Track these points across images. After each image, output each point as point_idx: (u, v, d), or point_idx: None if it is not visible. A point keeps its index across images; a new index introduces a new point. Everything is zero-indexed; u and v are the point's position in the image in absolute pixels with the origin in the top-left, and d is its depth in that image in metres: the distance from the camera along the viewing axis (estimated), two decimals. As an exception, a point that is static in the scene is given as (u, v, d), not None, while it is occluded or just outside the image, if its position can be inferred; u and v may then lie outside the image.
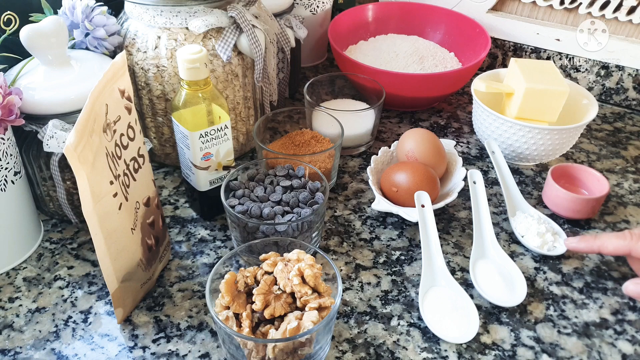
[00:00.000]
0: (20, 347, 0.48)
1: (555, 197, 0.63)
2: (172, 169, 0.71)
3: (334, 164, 0.65)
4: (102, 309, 0.52)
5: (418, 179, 0.60)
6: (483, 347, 0.49)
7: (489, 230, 0.59)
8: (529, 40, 0.89)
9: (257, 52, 0.61)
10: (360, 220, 0.63)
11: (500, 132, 0.68)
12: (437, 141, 0.65)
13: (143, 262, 0.50)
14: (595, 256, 0.59)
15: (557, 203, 0.63)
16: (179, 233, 0.61)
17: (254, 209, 0.54)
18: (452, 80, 0.79)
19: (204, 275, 0.56)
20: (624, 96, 0.85)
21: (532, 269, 0.57)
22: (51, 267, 0.56)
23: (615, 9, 0.80)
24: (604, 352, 0.49)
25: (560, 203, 0.62)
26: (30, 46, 0.52)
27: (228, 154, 0.58)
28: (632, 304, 0.54)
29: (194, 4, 0.59)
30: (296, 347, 0.43)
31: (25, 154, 0.55)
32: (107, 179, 0.43)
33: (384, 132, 0.79)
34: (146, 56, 0.60)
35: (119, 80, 0.45)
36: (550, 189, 0.63)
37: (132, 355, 0.48)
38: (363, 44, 0.90)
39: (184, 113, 0.54)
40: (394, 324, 0.51)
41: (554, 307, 0.53)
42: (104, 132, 0.43)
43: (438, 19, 0.91)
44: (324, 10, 0.90)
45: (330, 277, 0.48)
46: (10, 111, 0.49)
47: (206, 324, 0.51)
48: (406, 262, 0.58)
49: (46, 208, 0.61)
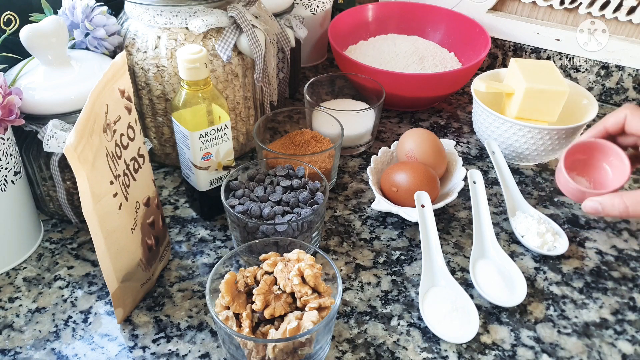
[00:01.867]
0: (20, 347, 0.48)
1: (564, 185, 0.57)
2: (172, 169, 0.71)
3: (334, 164, 0.65)
4: (102, 309, 0.52)
5: (418, 179, 0.60)
6: (483, 347, 0.49)
7: (489, 230, 0.59)
8: (529, 40, 0.89)
9: (257, 52, 0.61)
10: (360, 220, 0.63)
11: (500, 132, 0.68)
12: (437, 141, 0.65)
13: (143, 262, 0.50)
14: (596, 256, 0.59)
15: (566, 190, 0.58)
16: (179, 233, 0.61)
17: (254, 209, 0.54)
18: (452, 80, 0.78)
19: (204, 275, 0.56)
20: (624, 96, 0.85)
21: (532, 269, 0.57)
22: (51, 267, 0.56)
23: (615, 9, 0.80)
24: (604, 352, 0.49)
25: (568, 191, 0.57)
26: (30, 46, 0.52)
27: (228, 154, 0.58)
28: (632, 304, 0.54)
29: (194, 4, 0.59)
30: (296, 347, 0.43)
31: (25, 154, 0.55)
32: (107, 179, 0.43)
33: (384, 132, 0.79)
34: (146, 56, 0.60)
35: (119, 80, 0.45)
36: (560, 176, 0.58)
37: (132, 355, 0.48)
38: (363, 44, 0.90)
39: (184, 113, 0.54)
40: (394, 324, 0.51)
41: (554, 307, 0.53)
42: (104, 132, 0.43)
43: (438, 19, 0.91)
44: (324, 10, 0.90)
45: (330, 277, 0.48)
46: (10, 111, 0.49)
47: (206, 324, 0.51)
48: (406, 262, 0.58)
49: (46, 208, 0.61)
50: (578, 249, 0.60)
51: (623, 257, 0.59)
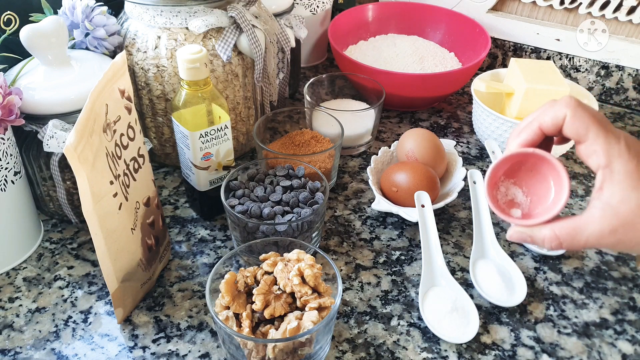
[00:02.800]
0: (20, 347, 0.48)
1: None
2: (172, 169, 0.71)
3: (334, 164, 0.65)
4: (102, 309, 0.52)
5: (418, 179, 0.60)
6: (483, 347, 0.49)
7: (489, 230, 0.59)
8: (529, 40, 0.89)
9: (257, 52, 0.61)
10: (360, 220, 0.63)
11: (500, 132, 0.68)
12: (437, 141, 0.65)
13: (143, 262, 0.50)
14: (596, 256, 0.59)
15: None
16: (179, 233, 0.61)
17: (254, 209, 0.54)
18: (452, 80, 0.78)
19: (204, 275, 0.56)
20: (624, 96, 0.85)
21: (532, 269, 0.57)
22: (51, 267, 0.56)
23: (615, 9, 0.80)
24: (604, 352, 0.49)
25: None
26: (30, 46, 0.52)
27: (228, 154, 0.58)
28: (632, 304, 0.54)
29: (194, 4, 0.59)
30: (296, 347, 0.43)
31: (25, 154, 0.55)
32: (107, 179, 0.43)
33: (384, 132, 0.79)
34: (146, 56, 0.60)
35: (119, 80, 0.45)
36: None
37: (132, 355, 0.48)
38: (363, 44, 0.90)
39: (184, 113, 0.54)
40: (394, 324, 0.51)
41: (554, 307, 0.53)
42: (104, 132, 0.43)
43: (438, 19, 0.91)
44: (324, 10, 0.90)
45: (330, 277, 0.48)
46: (10, 111, 0.49)
47: (206, 324, 0.51)
48: (406, 262, 0.58)
49: (46, 208, 0.61)
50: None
51: (623, 257, 0.59)
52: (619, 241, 0.38)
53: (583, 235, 0.39)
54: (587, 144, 0.39)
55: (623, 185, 0.38)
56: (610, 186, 0.38)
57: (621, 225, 0.38)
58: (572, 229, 0.39)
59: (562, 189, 0.41)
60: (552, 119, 0.40)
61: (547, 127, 0.41)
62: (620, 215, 0.38)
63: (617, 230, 0.38)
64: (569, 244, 0.40)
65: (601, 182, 0.39)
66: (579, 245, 0.40)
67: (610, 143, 0.38)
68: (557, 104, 0.40)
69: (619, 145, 0.38)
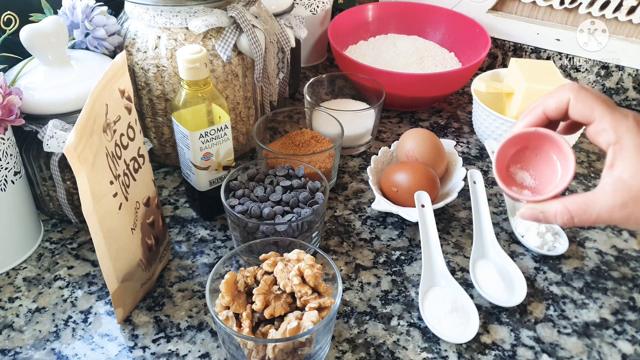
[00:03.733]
0: (20, 347, 0.48)
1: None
2: (172, 169, 0.71)
3: (334, 164, 0.65)
4: (102, 309, 0.52)
5: (418, 179, 0.60)
6: (483, 347, 0.49)
7: (489, 230, 0.59)
8: (529, 40, 0.89)
9: (257, 52, 0.61)
10: (360, 220, 0.63)
11: (500, 132, 0.68)
12: (437, 141, 0.65)
13: (143, 262, 0.50)
14: (596, 256, 0.59)
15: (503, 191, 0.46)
16: (179, 233, 0.61)
17: (254, 209, 0.54)
18: (452, 80, 0.79)
19: (204, 275, 0.56)
20: (624, 96, 0.85)
21: (532, 269, 0.57)
22: (51, 267, 0.56)
23: (615, 9, 0.80)
24: (604, 352, 0.49)
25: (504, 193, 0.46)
26: (30, 46, 0.52)
27: (228, 154, 0.58)
28: (632, 304, 0.54)
29: (194, 4, 0.59)
30: (296, 347, 0.43)
31: (25, 154, 0.55)
32: (107, 179, 0.43)
33: (384, 132, 0.79)
34: (146, 56, 0.60)
35: (119, 80, 0.45)
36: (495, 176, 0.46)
37: (132, 355, 0.48)
38: (363, 44, 0.90)
39: (184, 113, 0.54)
40: (394, 324, 0.51)
41: (554, 307, 0.53)
42: (104, 132, 0.43)
43: (438, 19, 0.91)
44: (324, 10, 0.90)
45: (330, 277, 0.48)
46: (10, 111, 0.49)
47: (206, 324, 0.51)
48: (406, 262, 0.58)
49: (46, 208, 0.61)
50: (578, 249, 0.60)
51: (623, 257, 0.59)
52: (630, 215, 0.38)
53: (595, 209, 0.39)
54: (594, 124, 0.39)
55: (634, 160, 0.38)
56: (621, 161, 0.39)
57: (632, 199, 0.38)
58: (584, 203, 0.39)
59: (567, 164, 0.42)
60: (556, 102, 0.41)
61: (551, 111, 0.42)
62: (632, 189, 0.38)
63: (628, 204, 0.38)
64: (580, 219, 0.40)
65: (612, 159, 0.39)
66: (590, 220, 0.40)
67: (617, 119, 0.39)
68: (560, 89, 0.41)
69: (627, 121, 0.39)
